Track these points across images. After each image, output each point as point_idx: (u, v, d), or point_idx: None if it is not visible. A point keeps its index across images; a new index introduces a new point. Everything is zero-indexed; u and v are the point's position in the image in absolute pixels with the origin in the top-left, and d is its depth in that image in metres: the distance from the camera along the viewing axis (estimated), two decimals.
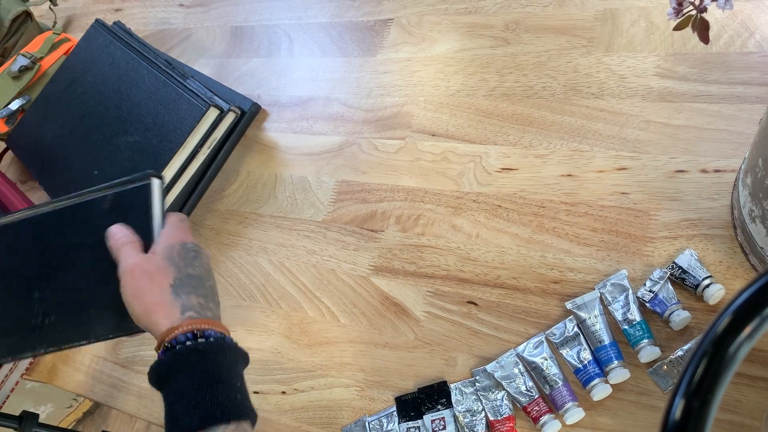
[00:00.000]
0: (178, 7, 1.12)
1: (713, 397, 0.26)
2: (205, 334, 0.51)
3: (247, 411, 0.50)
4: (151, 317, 0.52)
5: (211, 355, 0.50)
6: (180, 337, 0.50)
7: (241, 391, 0.51)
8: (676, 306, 0.56)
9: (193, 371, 0.49)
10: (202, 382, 0.49)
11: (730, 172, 0.61)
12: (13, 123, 1.00)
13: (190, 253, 0.56)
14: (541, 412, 0.58)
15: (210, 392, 0.49)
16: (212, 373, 0.50)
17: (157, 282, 0.53)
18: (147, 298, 0.53)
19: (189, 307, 0.52)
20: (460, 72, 0.80)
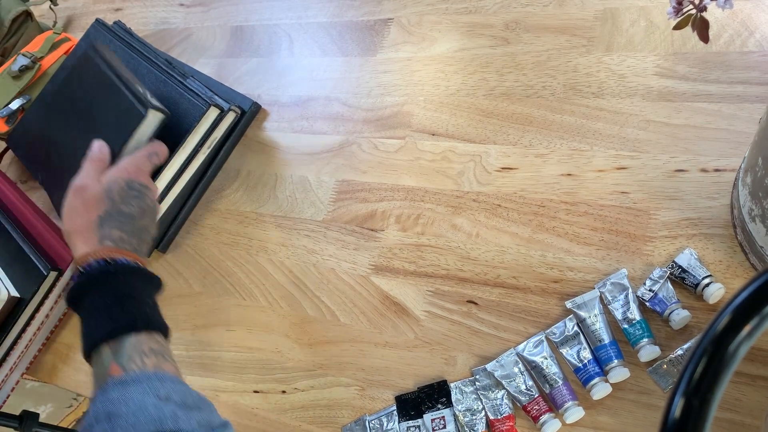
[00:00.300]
0: (178, 7, 1.12)
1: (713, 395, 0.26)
2: (117, 261, 0.56)
3: (158, 324, 0.54)
4: (72, 239, 0.59)
5: (121, 275, 0.55)
6: (92, 263, 0.55)
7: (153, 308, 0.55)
8: (676, 305, 0.56)
9: (105, 289, 0.54)
10: (114, 298, 0.53)
11: (730, 171, 0.61)
12: (13, 123, 1.00)
13: (132, 192, 0.62)
14: (541, 411, 0.58)
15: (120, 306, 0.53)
16: (122, 290, 0.54)
17: (88, 210, 0.59)
18: (75, 220, 0.59)
19: (108, 237, 0.58)
20: (460, 71, 0.80)
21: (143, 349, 0.51)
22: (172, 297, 0.83)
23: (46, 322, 0.85)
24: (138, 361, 0.50)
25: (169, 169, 0.82)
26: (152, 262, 0.87)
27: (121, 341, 0.51)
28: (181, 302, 0.82)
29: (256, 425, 0.71)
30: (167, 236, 0.87)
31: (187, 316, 0.81)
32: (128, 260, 0.57)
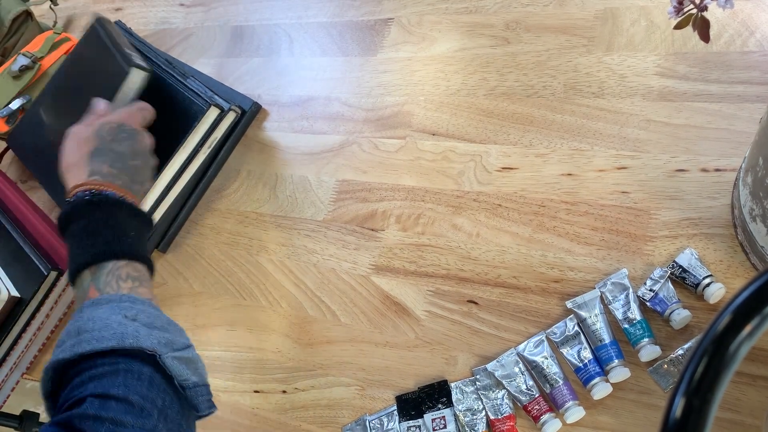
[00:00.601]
0: (179, 7, 1.12)
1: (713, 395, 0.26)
2: (104, 193, 0.58)
3: (139, 254, 0.56)
4: (65, 175, 0.63)
5: (105, 207, 0.58)
6: (80, 193, 0.58)
7: (135, 239, 0.57)
8: (677, 305, 0.56)
9: (89, 218, 0.56)
10: (96, 226, 0.56)
11: (731, 171, 0.61)
12: (14, 122, 1.00)
13: (122, 134, 0.65)
14: (542, 411, 0.58)
15: (103, 234, 0.56)
16: (104, 220, 0.57)
17: (80, 147, 0.63)
18: (68, 158, 0.64)
19: (97, 172, 0.61)
20: (460, 71, 0.80)
21: (120, 275, 0.54)
22: (172, 297, 0.83)
23: (46, 322, 0.85)
24: (114, 285, 0.53)
25: (169, 169, 0.82)
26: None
27: (101, 267, 0.54)
28: (181, 302, 0.82)
29: (256, 425, 0.71)
30: (167, 236, 0.87)
31: (187, 316, 0.81)
32: (114, 193, 0.59)
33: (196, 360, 0.51)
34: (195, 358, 0.51)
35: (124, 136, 0.65)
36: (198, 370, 0.51)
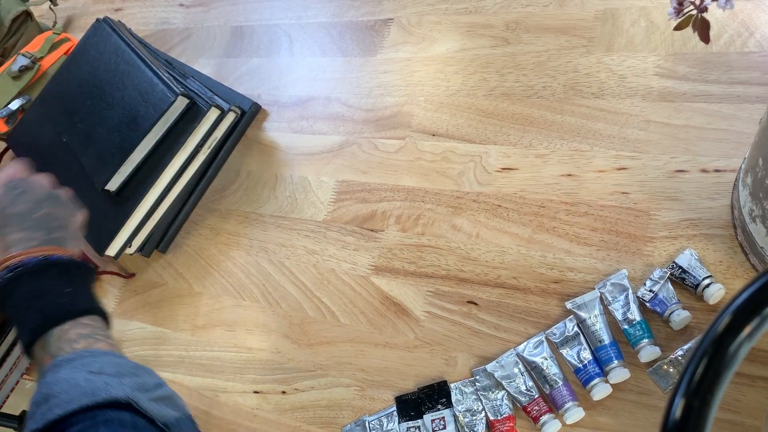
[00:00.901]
0: (178, 7, 1.12)
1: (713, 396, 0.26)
2: (23, 262, 0.55)
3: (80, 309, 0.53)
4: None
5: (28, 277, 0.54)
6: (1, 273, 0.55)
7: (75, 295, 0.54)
8: (676, 306, 0.56)
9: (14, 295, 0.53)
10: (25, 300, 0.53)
11: (731, 171, 0.61)
12: (13, 123, 1.00)
13: (14, 192, 0.60)
14: (541, 412, 0.58)
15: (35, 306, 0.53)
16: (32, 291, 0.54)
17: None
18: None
19: (13, 244, 0.57)
20: (460, 72, 0.80)
21: (70, 338, 0.51)
22: (172, 297, 0.83)
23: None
24: (67, 348, 0.51)
25: (169, 169, 0.82)
26: (152, 263, 0.87)
27: (48, 337, 0.51)
28: (181, 302, 0.82)
29: (256, 425, 0.71)
30: (167, 236, 0.87)
31: (187, 316, 0.81)
32: (31, 258, 0.55)
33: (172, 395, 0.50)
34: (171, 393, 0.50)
35: (18, 192, 0.60)
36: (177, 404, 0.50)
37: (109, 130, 0.83)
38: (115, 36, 0.89)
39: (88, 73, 0.89)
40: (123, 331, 0.83)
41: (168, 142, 0.82)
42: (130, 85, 0.84)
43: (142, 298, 0.85)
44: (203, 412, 0.74)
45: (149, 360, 0.80)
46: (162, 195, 0.82)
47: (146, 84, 0.82)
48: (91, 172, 0.84)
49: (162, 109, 0.79)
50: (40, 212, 0.60)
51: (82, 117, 0.87)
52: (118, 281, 0.89)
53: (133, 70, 0.84)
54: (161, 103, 0.79)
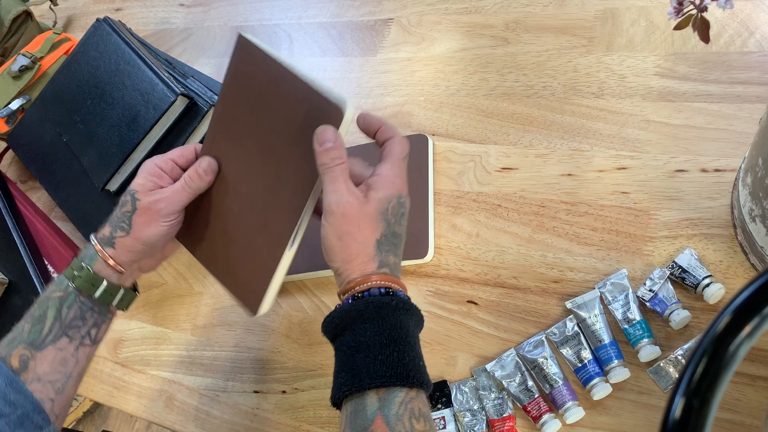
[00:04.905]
0: (179, 7, 1.12)
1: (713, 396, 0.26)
2: (397, 294, 0.50)
3: (428, 381, 0.48)
4: (348, 264, 0.51)
5: (401, 313, 0.49)
6: (374, 290, 0.49)
7: (422, 359, 0.49)
8: (676, 305, 0.56)
9: (384, 325, 0.47)
10: (391, 339, 0.47)
11: (730, 171, 0.61)
12: (13, 122, 1.00)
13: (401, 210, 0.53)
14: (541, 412, 0.58)
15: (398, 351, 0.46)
16: (400, 331, 0.48)
17: (364, 233, 0.51)
18: (351, 246, 0.51)
19: (386, 264, 0.51)
20: (460, 72, 0.80)
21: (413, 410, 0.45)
22: (172, 297, 0.83)
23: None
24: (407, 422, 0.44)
25: None
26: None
27: (392, 393, 0.45)
28: (181, 302, 0.82)
29: (256, 425, 0.71)
30: None
31: (187, 316, 0.81)
32: (404, 293, 0.51)
33: None
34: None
35: (402, 212, 0.53)
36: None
37: (109, 130, 0.83)
38: (115, 36, 0.89)
39: (88, 73, 0.89)
40: (123, 330, 0.83)
41: (168, 141, 0.82)
42: (130, 85, 0.84)
43: (142, 298, 0.85)
44: (203, 412, 0.74)
45: (149, 360, 0.80)
46: None
47: (146, 84, 0.82)
48: (92, 172, 0.84)
49: (162, 109, 0.79)
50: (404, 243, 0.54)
51: (83, 117, 0.87)
52: None
53: (134, 70, 0.84)
54: (161, 103, 0.79)
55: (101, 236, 0.59)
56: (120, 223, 0.58)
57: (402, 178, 0.54)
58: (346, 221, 0.51)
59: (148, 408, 0.77)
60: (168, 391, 0.77)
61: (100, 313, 0.59)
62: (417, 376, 0.46)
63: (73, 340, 0.57)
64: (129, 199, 0.58)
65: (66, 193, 0.90)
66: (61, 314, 0.57)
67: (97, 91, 0.87)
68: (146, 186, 0.59)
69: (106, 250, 0.58)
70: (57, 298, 0.57)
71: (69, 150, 0.88)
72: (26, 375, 0.54)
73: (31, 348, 0.56)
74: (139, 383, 0.79)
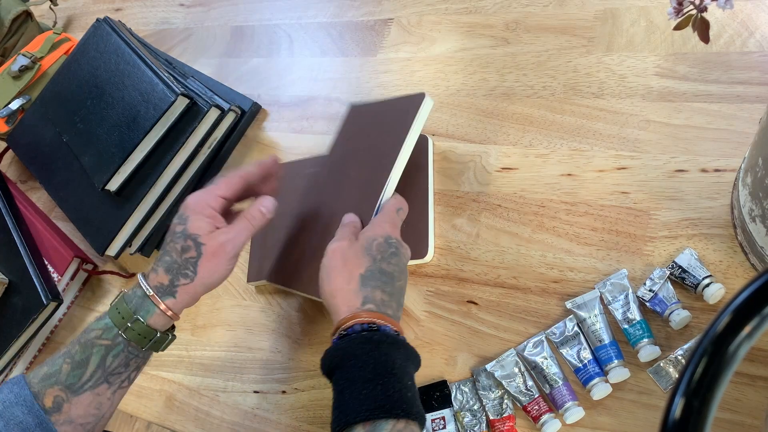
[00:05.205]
0: (179, 7, 1.12)
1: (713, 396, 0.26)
2: (381, 329, 0.51)
3: (417, 412, 0.48)
4: (334, 300, 0.54)
5: (385, 347, 0.50)
6: (356, 327, 0.51)
7: (412, 390, 0.50)
8: (676, 305, 0.56)
9: (366, 360, 0.49)
10: (375, 373, 0.48)
11: (730, 171, 0.61)
12: (13, 123, 1.00)
13: (390, 249, 0.56)
14: (541, 411, 0.58)
15: (382, 384, 0.48)
16: (385, 365, 0.49)
17: (348, 269, 0.55)
18: (336, 281, 0.55)
19: (371, 300, 0.53)
20: (460, 72, 0.80)
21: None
22: None
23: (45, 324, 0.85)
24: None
25: (169, 168, 0.82)
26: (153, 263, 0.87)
27: (377, 426, 0.46)
28: None
29: (257, 425, 0.71)
30: None
31: (187, 316, 0.81)
32: (390, 328, 0.51)
33: None
34: None
35: (392, 252, 0.56)
36: None
37: (109, 130, 0.83)
38: (115, 36, 0.89)
39: (88, 73, 0.89)
40: None
41: (168, 141, 0.82)
42: (130, 85, 0.84)
43: None
44: (203, 412, 0.74)
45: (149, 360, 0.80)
46: (162, 195, 0.82)
47: (146, 84, 0.82)
48: (92, 172, 0.84)
49: (162, 109, 0.79)
50: (400, 282, 0.56)
51: (83, 117, 0.87)
52: (118, 281, 0.89)
53: (134, 70, 0.84)
54: (161, 103, 0.79)
55: (157, 285, 0.57)
56: (183, 270, 0.57)
57: (392, 224, 0.59)
58: (333, 257, 0.56)
59: (148, 408, 0.77)
60: (168, 391, 0.77)
61: (143, 357, 0.59)
62: (403, 408, 0.47)
63: (113, 385, 0.56)
64: (192, 244, 0.57)
65: (66, 193, 0.90)
66: (105, 362, 0.55)
67: (97, 91, 0.87)
68: (205, 229, 0.58)
69: (166, 302, 0.57)
70: (103, 347, 0.55)
71: (69, 150, 0.88)
72: (58, 417, 0.53)
73: (67, 391, 0.54)
74: (139, 383, 0.79)
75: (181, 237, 0.58)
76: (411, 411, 0.47)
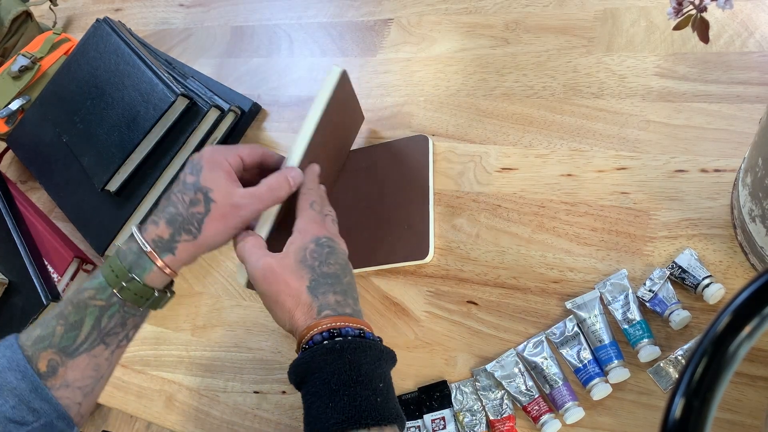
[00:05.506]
0: (178, 7, 1.12)
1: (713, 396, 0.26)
2: (342, 332, 0.49)
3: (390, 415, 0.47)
4: (293, 321, 0.51)
5: (349, 354, 0.47)
6: (316, 337, 0.48)
7: (383, 394, 0.48)
8: (676, 305, 0.56)
9: (331, 371, 0.47)
10: (340, 384, 0.46)
11: (730, 171, 0.61)
12: (13, 123, 1.00)
13: (324, 250, 0.53)
14: (541, 412, 0.58)
15: (348, 394, 0.46)
16: (349, 373, 0.47)
17: (292, 286, 0.51)
18: (287, 303, 0.51)
19: (326, 306, 0.50)
20: (460, 72, 0.80)
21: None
22: None
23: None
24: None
25: (169, 169, 0.82)
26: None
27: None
28: (181, 302, 0.82)
29: (257, 425, 0.71)
30: None
31: (187, 316, 0.81)
32: (354, 330, 0.49)
33: None
34: None
35: (328, 251, 0.53)
36: None
37: (109, 130, 0.83)
38: (115, 36, 0.89)
39: (88, 73, 0.89)
40: None
41: (168, 142, 0.82)
42: (130, 85, 0.84)
43: None
44: (203, 412, 0.74)
45: (149, 360, 0.80)
46: (162, 195, 0.82)
47: (146, 84, 0.82)
48: (91, 172, 0.84)
49: (162, 109, 0.79)
50: (347, 278, 0.53)
51: (82, 117, 0.87)
52: None
53: (133, 70, 0.84)
54: (161, 103, 0.79)
55: (156, 239, 0.52)
56: (187, 225, 0.52)
57: (316, 223, 0.55)
58: (272, 282, 0.51)
59: (148, 408, 0.77)
60: (168, 391, 0.77)
61: (142, 315, 0.55)
62: (373, 416, 0.45)
63: (110, 346, 0.53)
64: (202, 198, 0.52)
65: (66, 193, 0.90)
66: (100, 323, 0.52)
67: (97, 91, 0.87)
68: (220, 184, 0.52)
69: (164, 258, 0.52)
70: (97, 308, 0.52)
71: (69, 150, 0.88)
72: (54, 381, 0.50)
73: (62, 354, 0.51)
74: (139, 383, 0.79)
75: (191, 188, 0.52)
76: (383, 417, 0.46)
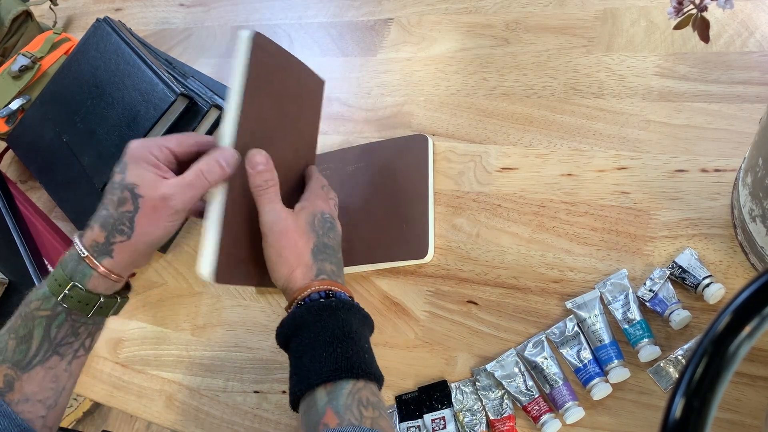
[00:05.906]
0: (179, 7, 1.12)
1: (713, 396, 0.26)
2: (337, 295, 0.52)
3: (375, 371, 0.50)
4: (290, 277, 0.54)
5: (342, 313, 0.51)
6: (314, 295, 0.52)
7: (369, 353, 0.51)
8: (676, 305, 0.56)
9: (325, 325, 0.50)
10: (334, 337, 0.49)
11: (730, 171, 0.61)
12: (13, 123, 1.00)
13: (327, 224, 0.58)
14: (541, 412, 0.58)
15: (341, 347, 0.49)
16: (343, 329, 0.50)
17: (299, 245, 0.55)
18: (291, 259, 0.54)
19: (323, 271, 0.55)
20: (460, 71, 0.80)
21: (361, 398, 0.47)
22: (172, 297, 0.83)
23: None
24: (355, 411, 0.46)
25: None
26: (152, 262, 0.87)
27: (339, 386, 0.47)
28: (181, 302, 0.82)
29: (257, 425, 0.71)
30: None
31: (187, 316, 0.81)
32: (345, 294, 0.53)
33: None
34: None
35: (329, 226, 0.58)
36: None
37: (109, 130, 0.83)
38: (115, 36, 0.89)
39: (88, 72, 0.89)
40: (123, 330, 0.83)
41: None
42: (130, 84, 0.84)
43: (142, 298, 0.85)
44: (203, 412, 0.74)
45: (149, 360, 0.80)
46: None
47: (146, 84, 0.82)
48: (92, 172, 0.84)
49: (162, 108, 0.79)
50: (339, 255, 0.58)
51: (83, 117, 0.87)
52: None
53: (134, 70, 0.84)
54: (161, 103, 0.79)
55: (92, 244, 0.51)
56: (118, 225, 0.50)
57: (323, 200, 0.60)
58: (283, 237, 0.55)
59: (148, 408, 0.77)
60: (168, 391, 0.77)
61: (95, 323, 0.54)
62: (362, 368, 0.48)
63: (66, 357, 0.52)
64: (128, 196, 0.50)
65: (66, 193, 0.90)
66: (49, 334, 0.51)
67: (97, 91, 0.87)
68: (145, 179, 0.50)
69: (102, 262, 0.51)
70: (44, 318, 0.50)
71: (69, 150, 0.88)
72: (12, 396, 0.49)
73: (15, 368, 0.50)
74: (139, 383, 0.79)
75: (118, 187, 0.51)
76: (369, 371, 0.49)
